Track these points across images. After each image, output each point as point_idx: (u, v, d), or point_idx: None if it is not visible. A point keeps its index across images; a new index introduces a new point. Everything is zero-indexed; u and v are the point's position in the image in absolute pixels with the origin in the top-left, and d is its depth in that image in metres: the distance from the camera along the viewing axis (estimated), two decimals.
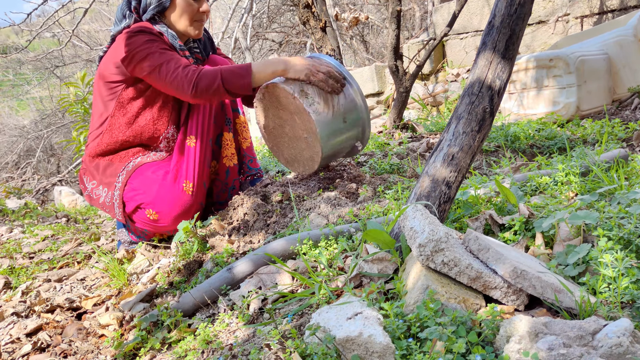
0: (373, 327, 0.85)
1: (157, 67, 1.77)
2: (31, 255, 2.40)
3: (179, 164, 1.90)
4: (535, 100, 3.26)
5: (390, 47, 3.38)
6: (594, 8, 4.57)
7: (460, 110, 1.18)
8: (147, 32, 1.81)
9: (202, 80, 1.74)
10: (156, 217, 1.87)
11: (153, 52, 1.78)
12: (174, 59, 1.78)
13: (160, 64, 1.77)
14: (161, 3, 1.86)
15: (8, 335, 1.56)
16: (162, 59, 1.77)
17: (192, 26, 1.91)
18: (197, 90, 1.75)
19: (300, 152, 1.96)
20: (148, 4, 1.87)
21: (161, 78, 1.78)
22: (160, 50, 1.79)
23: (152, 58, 1.77)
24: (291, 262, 1.41)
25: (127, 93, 1.89)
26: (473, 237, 1.03)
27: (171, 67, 1.76)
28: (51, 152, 10.23)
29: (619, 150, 1.80)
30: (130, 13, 1.89)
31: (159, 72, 1.77)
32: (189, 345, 1.21)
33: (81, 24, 6.99)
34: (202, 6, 1.90)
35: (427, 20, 7.48)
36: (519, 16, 1.15)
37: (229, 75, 1.76)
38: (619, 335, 0.70)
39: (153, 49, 1.78)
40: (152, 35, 1.81)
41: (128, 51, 1.78)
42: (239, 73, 1.76)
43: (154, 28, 1.86)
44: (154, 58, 1.77)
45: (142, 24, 1.86)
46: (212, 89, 1.75)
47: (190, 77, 1.74)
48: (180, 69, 1.76)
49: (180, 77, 1.75)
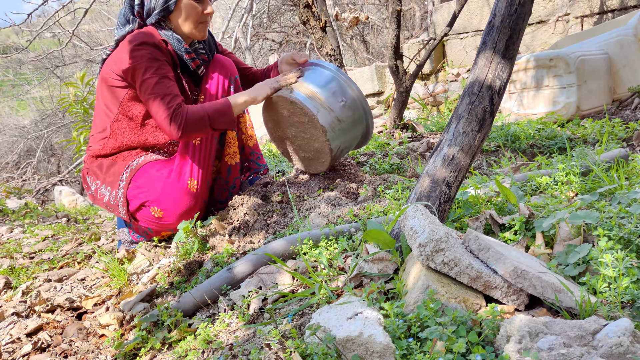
0: (373, 327, 0.85)
1: (151, 99, 1.79)
2: (31, 255, 2.40)
3: (184, 162, 1.90)
4: (535, 100, 3.25)
5: (390, 47, 3.38)
6: (594, 8, 4.57)
7: (461, 110, 1.18)
8: (151, 44, 1.80)
9: (189, 127, 1.80)
10: (161, 215, 1.88)
11: (151, 77, 1.79)
12: (167, 96, 1.79)
13: (154, 96, 1.79)
14: (166, 7, 1.85)
15: (8, 335, 1.56)
16: (157, 90, 1.78)
17: (197, 29, 1.91)
18: (185, 135, 1.81)
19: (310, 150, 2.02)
20: (152, 8, 1.86)
21: (151, 110, 1.82)
22: (160, 76, 1.80)
23: (148, 84, 1.79)
24: (291, 262, 1.41)
25: (131, 99, 1.90)
26: (473, 237, 1.03)
27: (161, 109, 1.78)
28: (51, 152, 10.24)
29: (619, 150, 1.80)
30: (134, 17, 1.88)
31: (151, 104, 1.80)
32: (190, 345, 1.21)
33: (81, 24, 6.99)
34: (206, 8, 1.90)
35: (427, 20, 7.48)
36: (519, 16, 1.15)
37: (215, 115, 1.84)
38: (619, 335, 0.70)
39: (150, 74, 1.79)
40: (155, 51, 1.81)
41: (130, 64, 1.80)
42: (222, 111, 1.85)
43: (158, 35, 1.85)
44: (150, 86, 1.79)
45: (147, 30, 1.85)
46: (199, 132, 1.83)
47: (176, 127, 1.78)
48: (167, 119, 1.78)
49: (167, 125, 1.79)
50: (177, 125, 1.78)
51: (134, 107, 1.90)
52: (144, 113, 1.91)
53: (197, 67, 1.97)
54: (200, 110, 1.82)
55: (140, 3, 1.87)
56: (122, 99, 1.89)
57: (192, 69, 1.96)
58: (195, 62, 1.95)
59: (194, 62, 1.95)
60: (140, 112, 1.91)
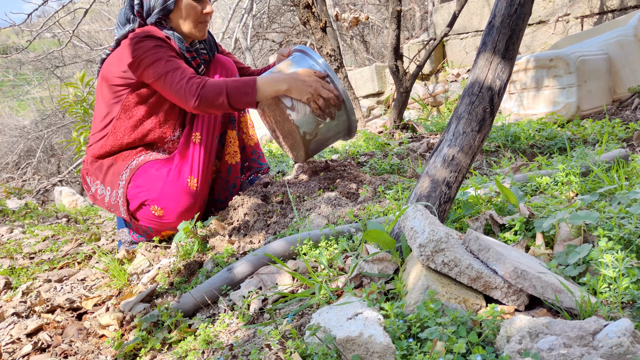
0: (373, 327, 0.85)
1: (163, 75, 1.78)
2: (31, 256, 2.40)
3: (183, 161, 1.90)
4: (535, 100, 3.26)
5: (390, 47, 3.38)
6: (594, 8, 4.57)
7: (461, 111, 1.18)
8: (154, 37, 1.81)
9: (207, 94, 1.75)
10: (161, 214, 1.88)
11: (159, 59, 1.78)
12: (180, 68, 1.78)
13: (165, 73, 1.77)
14: (165, 7, 1.86)
15: (8, 336, 1.56)
16: (168, 67, 1.78)
17: (197, 28, 1.91)
18: (200, 103, 1.75)
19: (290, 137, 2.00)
20: (152, 7, 1.86)
21: (166, 86, 1.78)
22: (167, 57, 1.79)
23: (158, 65, 1.78)
24: (291, 262, 1.41)
25: (132, 97, 1.89)
26: (473, 237, 1.03)
27: (176, 77, 1.76)
28: (51, 153, 10.24)
29: (620, 150, 1.80)
30: (134, 17, 1.89)
31: (164, 80, 1.78)
32: (190, 346, 1.21)
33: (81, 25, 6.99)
34: (205, 8, 1.90)
35: (427, 21, 7.48)
36: (519, 16, 1.15)
37: (234, 92, 1.76)
38: (619, 336, 0.70)
39: (160, 55, 1.78)
40: (159, 41, 1.81)
41: (135, 56, 1.79)
42: (244, 90, 1.77)
43: (160, 32, 1.86)
44: (160, 66, 1.78)
45: (149, 28, 1.86)
46: (216, 103, 1.76)
47: (194, 89, 1.75)
48: (185, 80, 1.76)
49: (184, 89, 1.75)
50: (194, 91, 1.73)
51: (135, 107, 1.90)
52: (145, 113, 1.91)
53: (198, 66, 1.98)
54: (220, 82, 1.77)
55: (140, 2, 1.87)
56: (124, 99, 1.89)
57: (193, 67, 1.96)
58: (196, 61, 1.96)
59: (194, 60, 1.95)
60: (142, 112, 1.91)
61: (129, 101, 1.90)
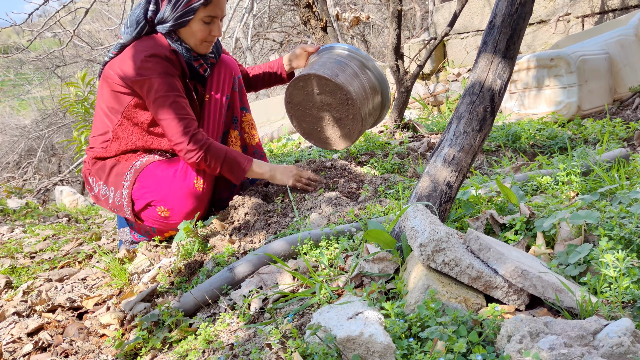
0: (374, 327, 0.85)
1: (167, 117, 1.83)
2: (32, 255, 2.40)
3: None
4: (536, 100, 3.25)
5: (391, 47, 3.38)
6: (595, 8, 4.57)
7: (461, 110, 1.18)
8: (162, 57, 1.82)
9: (209, 154, 1.85)
10: (168, 214, 1.89)
11: (166, 96, 1.82)
12: (186, 119, 1.84)
13: (170, 118, 1.83)
14: (178, 23, 1.87)
15: (9, 335, 1.57)
16: (173, 111, 1.82)
17: (201, 46, 1.93)
18: (201, 160, 1.85)
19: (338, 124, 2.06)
20: (165, 19, 1.87)
21: (167, 129, 1.85)
22: (175, 97, 1.83)
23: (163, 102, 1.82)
24: (292, 261, 1.41)
25: (136, 106, 1.90)
26: (474, 236, 1.03)
27: (179, 129, 1.83)
28: (52, 152, 10.25)
29: (620, 149, 1.79)
30: (146, 22, 1.89)
31: (167, 123, 1.84)
32: (190, 345, 1.21)
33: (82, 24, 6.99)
34: (213, 31, 1.91)
35: (428, 20, 7.47)
36: (520, 16, 1.15)
37: (231, 162, 1.89)
38: (620, 335, 0.70)
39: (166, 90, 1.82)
40: (166, 63, 1.83)
41: (140, 75, 1.81)
42: (238, 165, 1.91)
43: (168, 45, 1.87)
44: (163, 105, 1.82)
45: (157, 40, 1.87)
46: (212, 166, 1.87)
47: (196, 150, 1.83)
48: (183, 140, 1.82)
49: (183, 145, 1.83)
50: (197, 147, 1.83)
51: (138, 113, 1.91)
52: (149, 120, 1.92)
53: (205, 71, 2.00)
54: (222, 148, 1.88)
55: (155, 9, 1.88)
56: (127, 105, 1.89)
57: (200, 74, 1.99)
58: (203, 67, 1.98)
59: (201, 67, 1.98)
60: (146, 119, 1.92)
61: (132, 109, 1.90)
